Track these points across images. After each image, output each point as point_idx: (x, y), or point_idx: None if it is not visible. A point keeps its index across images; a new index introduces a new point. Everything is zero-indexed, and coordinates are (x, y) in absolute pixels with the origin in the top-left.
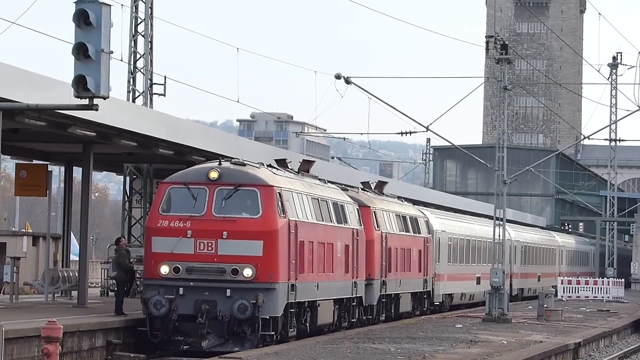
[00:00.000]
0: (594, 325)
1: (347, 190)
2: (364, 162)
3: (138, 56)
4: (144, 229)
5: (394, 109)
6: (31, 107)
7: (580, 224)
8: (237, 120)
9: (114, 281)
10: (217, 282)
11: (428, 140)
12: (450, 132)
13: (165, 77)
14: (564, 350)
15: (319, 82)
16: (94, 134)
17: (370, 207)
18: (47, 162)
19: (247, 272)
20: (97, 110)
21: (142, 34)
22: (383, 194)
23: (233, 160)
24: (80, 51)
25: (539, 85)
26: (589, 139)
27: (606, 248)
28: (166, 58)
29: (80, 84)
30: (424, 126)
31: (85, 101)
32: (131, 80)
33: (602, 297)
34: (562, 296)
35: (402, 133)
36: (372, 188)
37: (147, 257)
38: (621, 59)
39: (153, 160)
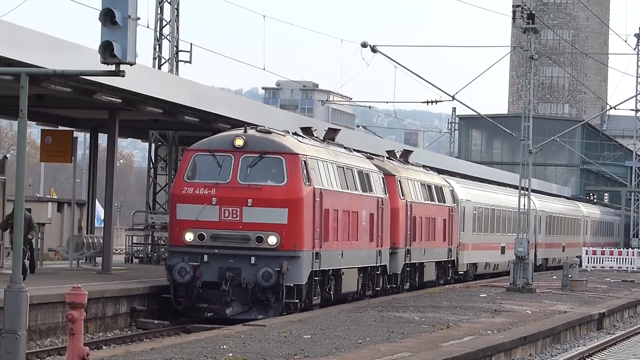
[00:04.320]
0: (618, 296)
1: (373, 158)
2: (389, 130)
3: (164, 23)
4: (169, 196)
5: (420, 77)
6: (57, 72)
7: (606, 194)
8: (263, 88)
9: (137, 248)
10: (241, 249)
11: (454, 109)
12: (476, 102)
13: (191, 44)
14: (588, 320)
15: (345, 50)
16: (119, 100)
17: (395, 175)
18: (73, 129)
19: (272, 239)
20: (123, 76)
21: (169, 0)
22: (408, 162)
23: (258, 128)
24: (107, 17)
25: (565, 55)
26: (614, 109)
27: (631, 218)
28: (192, 25)
29: (107, 50)
30: (449, 95)
31: (112, 67)
32: (157, 47)
33: (627, 267)
34: (586, 266)
35: (427, 102)
36: (398, 157)
37: (171, 224)
38: None
39: (178, 128)
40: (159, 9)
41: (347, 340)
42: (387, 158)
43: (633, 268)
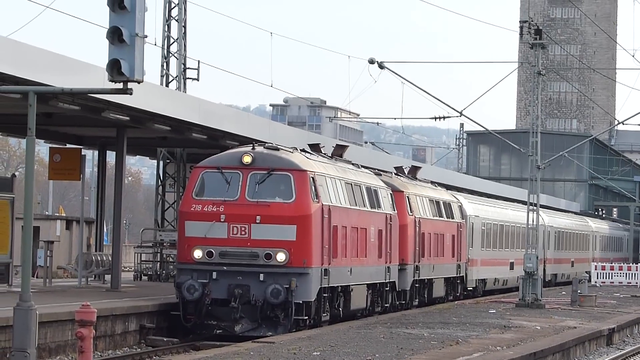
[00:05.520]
0: (627, 311)
1: (381, 175)
2: (397, 147)
3: (172, 41)
4: (177, 214)
5: (428, 93)
6: (65, 91)
7: (614, 209)
8: (270, 105)
9: (146, 266)
10: (250, 266)
11: (461, 125)
12: (483, 117)
13: (198, 61)
14: (598, 336)
15: (352, 66)
16: (127, 118)
17: (403, 192)
18: (81, 146)
19: (281, 256)
20: (131, 94)
21: (176, 18)
22: (416, 178)
23: (266, 144)
24: (115, 35)
25: (572, 70)
26: (623, 124)
27: None
28: (200, 43)
29: (114, 68)
30: (457, 111)
31: (119, 85)
32: (165, 64)
33: (636, 282)
34: (595, 282)
35: (435, 118)
36: (406, 173)
37: (180, 241)
38: None
39: (186, 145)
40: (167, 26)
41: (357, 356)
42: (395, 174)
43: None
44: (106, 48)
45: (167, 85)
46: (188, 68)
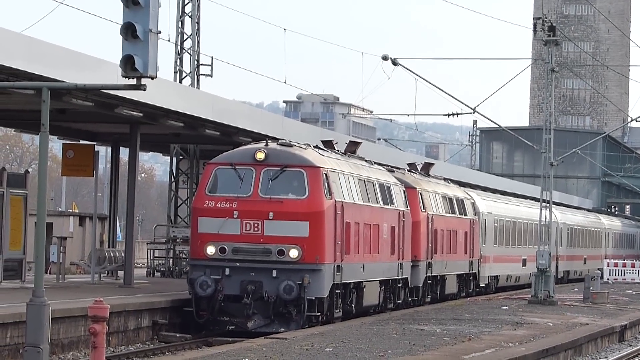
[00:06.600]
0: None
1: (394, 171)
2: (410, 143)
3: (185, 37)
4: (191, 210)
5: (441, 90)
6: (79, 87)
7: (627, 206)
8: (284, 102)
9: (159, 262)
10: (263, 262)
11: (474, 122)
12: (496, 114)
13: (212, 57)
14: (610, 332)
15: (365, 63)
16: (140, 114)
17: (416, 188)
18: (94, 143)
19: (293, 253)
20: (144, 90)
21: (190, 14)
22: (429, 175)
23: (280, 141)
24: (129, 31)
25: (586, 67)
26: (636, 121)
27: None
28: (213, 39)
29: (128, 64)
30: (470, 108)
31: (133, 81)
32: (178, 61)
33: None
34: (608, 279)
35: (448, 115)
36: (419, 169)
37: (193, 237)
38: None
39: (199, 141)
40: (180, 22)
41: (369, 353)
42: (408, 171)
43: None
44: (120, 44)
45: (180, 82)
46: (201, 64)
